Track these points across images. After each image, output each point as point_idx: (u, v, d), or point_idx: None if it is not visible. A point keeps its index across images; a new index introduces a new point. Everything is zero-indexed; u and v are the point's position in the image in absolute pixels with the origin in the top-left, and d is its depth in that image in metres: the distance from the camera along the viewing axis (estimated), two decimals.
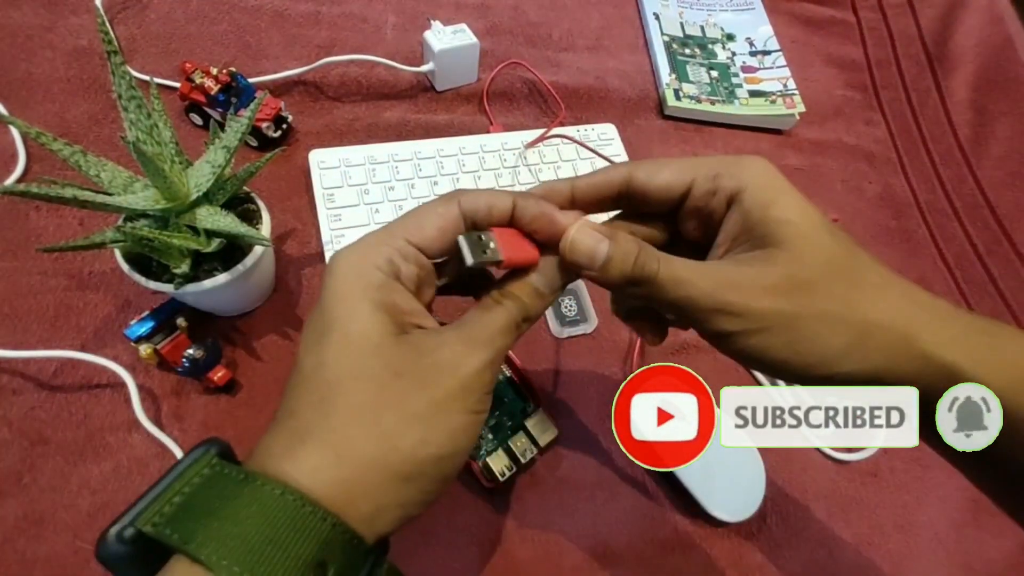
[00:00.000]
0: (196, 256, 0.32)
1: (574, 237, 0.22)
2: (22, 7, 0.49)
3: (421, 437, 0.19)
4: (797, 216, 0.21)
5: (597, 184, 0.24)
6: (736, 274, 0.21)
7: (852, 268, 0.21)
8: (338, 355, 0.19)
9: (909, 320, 0.20)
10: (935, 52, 0.67)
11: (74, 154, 0.29)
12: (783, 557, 0.38)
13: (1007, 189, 0.59)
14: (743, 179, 0.22)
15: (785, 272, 0.20)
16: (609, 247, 0.21)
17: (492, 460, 0.36)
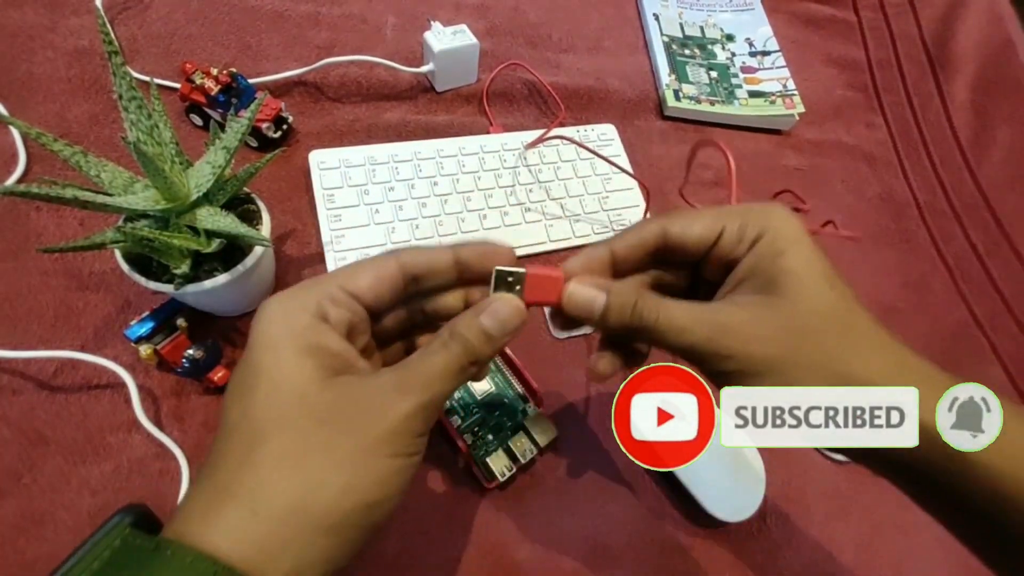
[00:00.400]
0: (196, 256, 0.32)
1: (571, 290, 0.23)
2: (23, 7, 0.49)
3: (346, 484, 0.19)
4: (803, 268, 0.22)
5: (633, 244, 0.25)
6: (734, 319, 0.22)
7: (847, 324, 0.22)
8: (263, 404, 0.19)
9: (892, 382, 0.21)
10: (936, 53, 0.68)
11: (74, 154, 0.30)
12: (783, 557, 0.38)
13: (1007, 191, 0.59)
14: (765, 227, 0.23)
15: (781, 320, 0.21)
16: (606, 298, 0.23)
17: (492, 460, 0.36)
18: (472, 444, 0.36)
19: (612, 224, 0.49)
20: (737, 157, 0.58)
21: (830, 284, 0.22)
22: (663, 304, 0.22)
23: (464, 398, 0.38)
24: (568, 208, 0.49)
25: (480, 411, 0.38)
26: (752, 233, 0.23)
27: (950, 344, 0.50)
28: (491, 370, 0.39)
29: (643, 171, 0.54)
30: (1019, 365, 0.49)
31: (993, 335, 0.51)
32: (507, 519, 0.36)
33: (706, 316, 0.22)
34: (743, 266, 0.23)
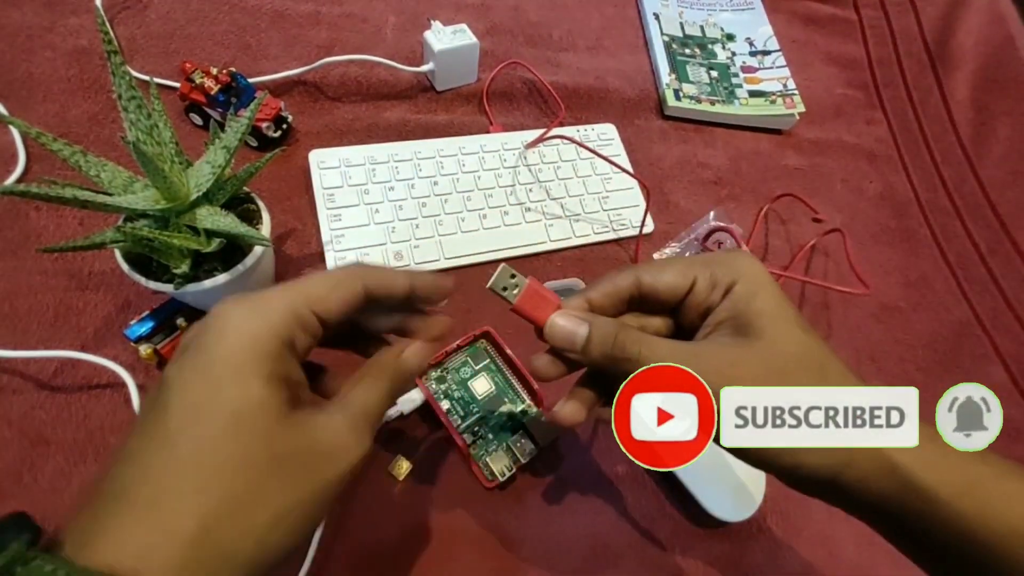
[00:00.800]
0: (196, 256, 0.32)
1: (552, 321, 0.24)
2: (22, 7, 0.49)
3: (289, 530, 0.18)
4: (775, 311, 0.23)
5: (608, 292, 0.25)
6: (716, 359, 0.23)
7: (820, 364, 0.23)
8: (225, 438, 0.17)
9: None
10: (936, 51, 0.67)
11: (74, 154, 0.29)
12: (783, 557, 0.38)
13: (1008, 188, 0.59)
14: (736, 273, 0.24)
15: (761, 361, 0.22)
16: (587, 330, 0.23)
17: (492, 460, 0.36)
18: (472, 443, 0.36)
19: (612, 224, 0.49)
20: (737, 157, 0.58)
21: (802, 328, 0.23)
22: (645, 338, 0.23)
23: (464, 398, 0.38)
24: (568, 208, 0.49)
25: (480, 410, 0.37)
26: (726, 279, 0.24)
27: (952, 343, 0.50)
28: (492, 370, 0.39)
29: (643, 171, 0.54)
30: (1020, 364, 0.49)
31: (995, 334, 0.51)
32: (507, 519, 0.36)
33: (688, 354, 0.23)
34: (720, 311, 0.24)
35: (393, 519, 0.35)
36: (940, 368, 0.48)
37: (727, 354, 0.23)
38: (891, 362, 0.48)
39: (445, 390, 0.38)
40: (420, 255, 0.44)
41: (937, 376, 0.48)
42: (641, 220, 0.49)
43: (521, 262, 0.47)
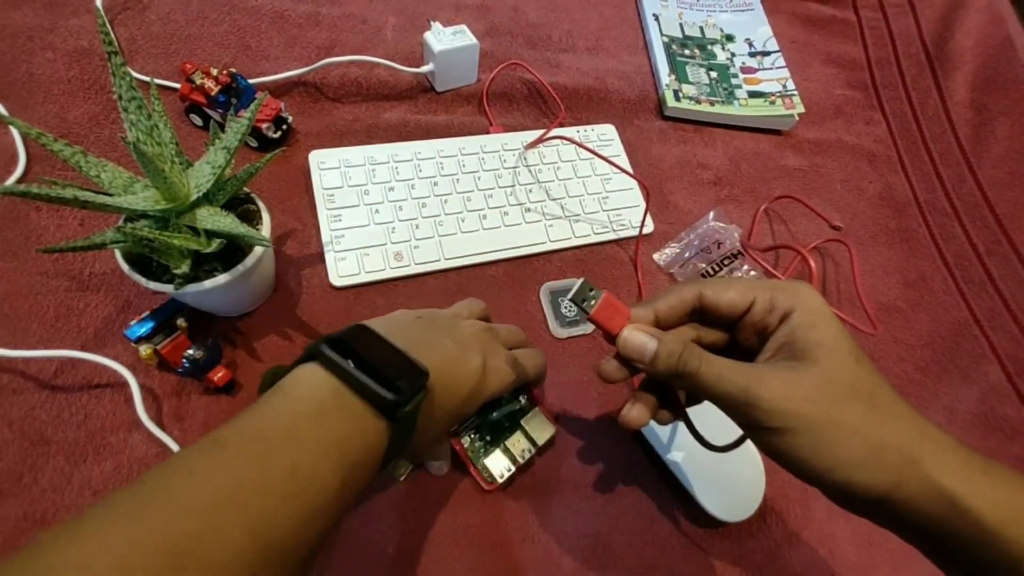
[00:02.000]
0: (196, 256, 0.32)
1: (625, 336, 0.27)
2: (22, 8, 0.49)
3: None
4: (832, 341, 0.24)
5: (673, 304, 0.28)
6: (771, 376, 0.24)
7: (872, 393, 0.24)
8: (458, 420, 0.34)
9: (917, 446, 0.23)
10: (935, 52, 0.68)
11: (74, 155, 0.30)
12: (783, 557, 0.38)
13: (1007, 188, 0.59)
14: (795, 302, 0.25)
15: (815, 384, 0.23)
16: (656, 345, 0.26)
17: (490, 462, 0.36)
18: (470, 446, 0.36)
19: (612, 224, 0.50)
20: (737, 157, 0.58)
21: (856, 358, 0.24)
22: (706, 355, 0.25)
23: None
24: (568, 208, 0.49)
25: (476, 413, 0.37)
26: (784, 305, 0.25)
27: (950, 343, 0.50)
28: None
29: (643, 171, 0.54)
30: (1018, 364, 0.49)
31: (992, 334, 0.51)
32: (507, 519, 0.36)
33: (745, 369, 0.25)
34: (778, 335, 0.26)
35: (393, 519, 0.35)
36: (938, 368, 0.49)
37: (783, 374, 0.24)
38: (890, 362, 0.48)
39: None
40: (420, 255, 0.44)
41: (935, 376, 0.48)
42: (641, 220, 0.49)
43: (521, 262, 0.47)
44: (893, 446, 0.23)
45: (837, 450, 0.23)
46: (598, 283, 0.46)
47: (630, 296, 0.47)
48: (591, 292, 0.28)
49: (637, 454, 0.40)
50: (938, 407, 0.46)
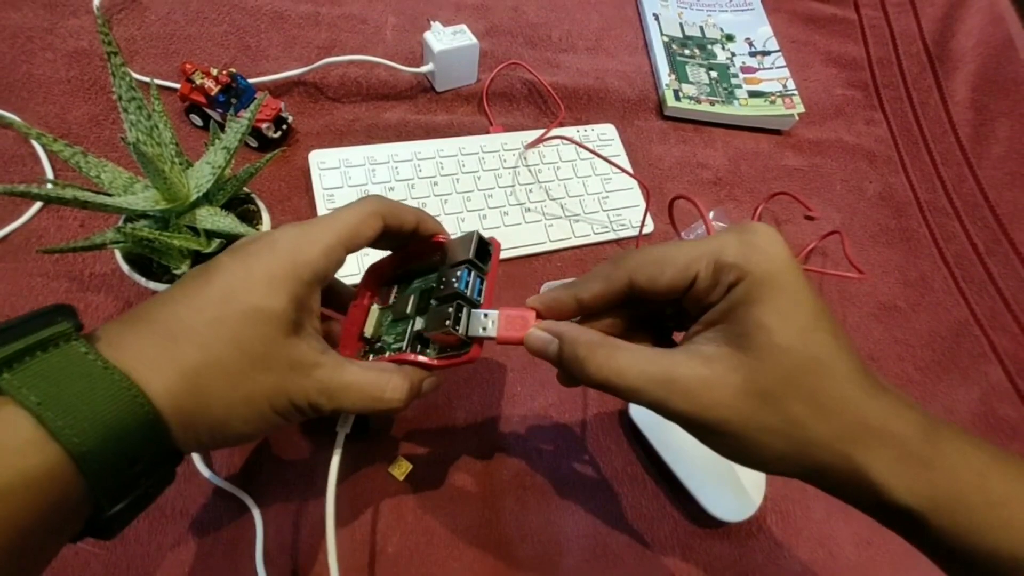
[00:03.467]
0: (196, 257, 0.32)
1: (528, 334, 0.25)
2: (22, 8, 0.49)
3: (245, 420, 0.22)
4: (777, 322, 0.20)
5: (597, 294, 0.24)
6: (690, 377, 0.21)
7: (812, 385, 0.20)
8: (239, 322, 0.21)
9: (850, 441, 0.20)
10: (936, 51, 0.68)
11: (74, 155, 0.30)
12: (783, 557, 0.38)
13: (1007, 189, 0.59)
14: (743, 270, 0.21)
15: (742, 382, 0.20)
16: (557, 347, 0.24)
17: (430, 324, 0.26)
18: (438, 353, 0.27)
19: (612, 224, 0.50)
20: (737, 157, 0.58)
21: (805, 342, 0.20)
22: (613, 358, 0.22)
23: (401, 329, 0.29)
24: (568, 208, 0.49)
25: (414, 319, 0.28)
26: (729, 277, 0.21)
27: (950, 343, 0.50)
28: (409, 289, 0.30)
29: (643, 171, 0.54)
30: (1018, 364, 0.49)
31: (993, 334, 0.51)
32: (507, 519, 0.36)
33: (659, 372, 0.21)
34: (716, 311, 0.22)
35: (393, 519, 0.35)
36: (938, 368, 0.49)
37: (705, 371, 0.21)
38: (890, 361, 0.48)
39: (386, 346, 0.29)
40: None
41: (935, 376, 0.48)
42: (641, 220, 0.49)
43: (521, 262, 0.47)
44: (822, 443, 0.20)
45: (752, 451, 0.21)
46: None
47: None
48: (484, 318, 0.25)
49: (637, 454, 0.40)
50: (938, 407, 0.46)
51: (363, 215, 0.25)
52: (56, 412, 0.17)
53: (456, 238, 0.28)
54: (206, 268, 0.23)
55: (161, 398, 0.19)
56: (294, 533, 0.33)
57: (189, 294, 0.22)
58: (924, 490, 0.20)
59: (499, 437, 0.39)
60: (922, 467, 0.20)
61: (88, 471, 0.17)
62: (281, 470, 0.35)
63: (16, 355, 0.17)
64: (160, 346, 0.20)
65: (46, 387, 0.17)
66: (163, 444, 0.20)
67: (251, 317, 0.21)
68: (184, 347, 0.20)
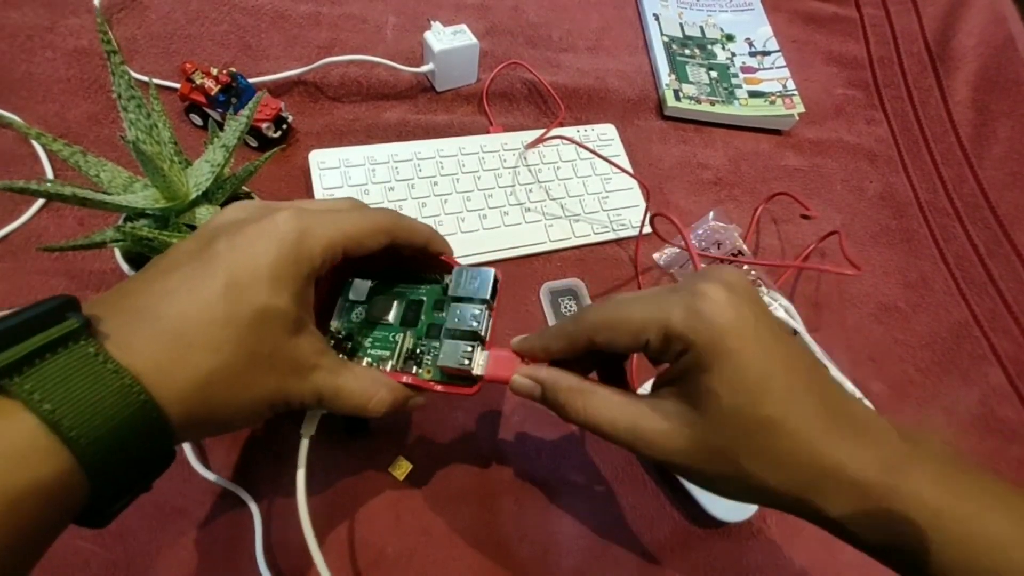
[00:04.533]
0: None
1: (513, 380, 0.27)
2: (22, 7, 0.49)
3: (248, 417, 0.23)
4: (725, 389, 0.21)
5: (564, 349, 0.26)
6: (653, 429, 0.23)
7: (763, 442, 0.21)
8: (247, 326, 0.21)
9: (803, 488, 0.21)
10: (937, 51, 0.67)
11: (74, 154, 0.30)
12: (783, 557, 0.38)
13: (1008, 189, 0.59)
14: (691, 340, 0.21)
15: (696, 439, 0.22)
16: (540, 391, 0.26)
17: (445, 358, 0.27)
18: (422, 370, 0.28)
19: (612, 224, 0.49)
20: (737, 157, 0.58)
21: (753, 402, 0.21)
22: (590, 404, 0.24)
23: (379, 333, 0.29)
24: (568, 208, 0.49)
25: (406, 332, 0.29)
26: (676, 347, 0.22)
27: (950, 343, 0.50)
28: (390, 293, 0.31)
29: (643, 171, 0.54)
30: (1019, 365, 0.49)
31: (993, 335, 0.51)
32: (507, 519, 0.36)
33: (626, 422, 0.23)
34: (671, 372, 0.23)
35: (393, 519, 0.35)
36: (939, 369, 0.48)
37: (665, 425, 0.23)
38: (890, 362, 0.48)
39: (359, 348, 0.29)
40: None
41: (936, 377, 0.48)
42: (641, 220, 0.49)
43: (521, 262, 0.47)
44: (780, 491, 0.21)
45: (724, 492, 0.23)
46: (597, 283, 0.46)
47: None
48: (469, 351, 0.26)
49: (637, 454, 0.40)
50: (938, 408, 0.46)
51: (372, 228, 0.25)
52: (70, 420, 0.17)
53: (468, 268, 0.29)
54: (204, 252, 0.22)
55: (172, 406, 0.19)
56: (294, 529, 0.33)
57: (192, 286, 0.21)
58: (883, 530, 0.21)
59: (499, 437, 0.39)
60: (879, 509, 0.21)
61: (95, 475, 0.17)
62: (279, 467, 0.35)
63: (27, 358, 0.17)
64: (172, 351, 0.20)
65: (58, 392, 0.17)
66: (168, 444, 0.20)
67: (259, 317, 0.21)
68: (196, 353, 0.20)
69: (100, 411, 0.17)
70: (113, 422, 0.17)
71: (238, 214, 0.23)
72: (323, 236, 0.23)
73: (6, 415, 0.16)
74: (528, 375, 0.26)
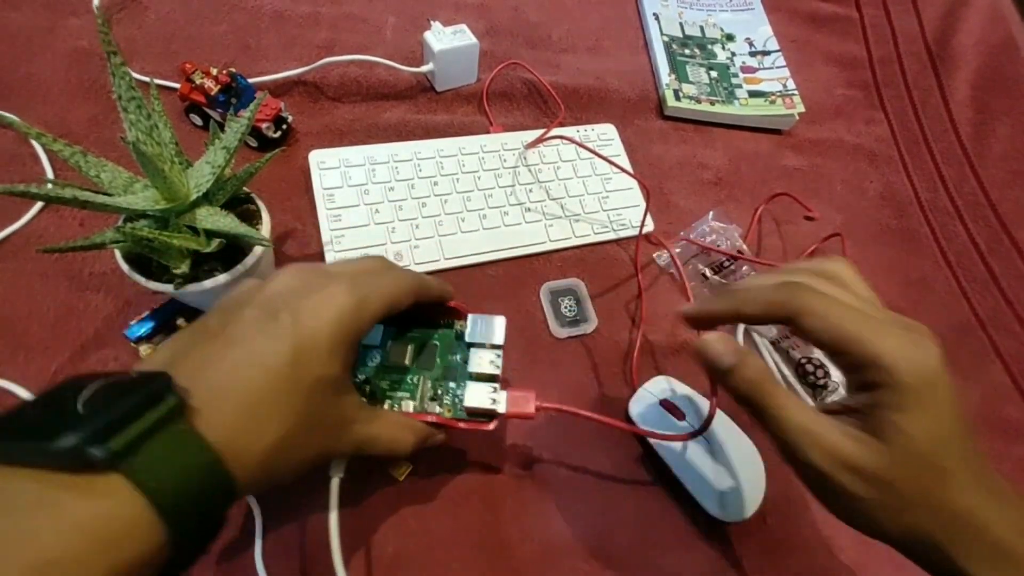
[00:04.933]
0: (196, 256, 0.32)
1: (707, 339, 0.26)
2: (22, 8, 0.49)
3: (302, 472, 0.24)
4: (919, 432, 0.23)
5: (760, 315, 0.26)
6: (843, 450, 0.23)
7: (932, 487, 0.23)
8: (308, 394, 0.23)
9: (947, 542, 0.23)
10: (937, 50, 0.67)
11: (74, 155, 0.30)
12: (783, 557, 0.38)
13: (1008, 188, 0.59)
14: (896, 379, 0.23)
15: (875, 468, 0.23)
16: (734, 361, 0.25)
17: (471, 399, 0.30)
18: (444, 409, 0.31)
19: (612, 224, 0.49)
20: (737, 157, 0.58)
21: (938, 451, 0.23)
22: (787, 407, 0.24)
23: (394, 376, 0.32)
24: (568, 208, 0.49)
25: (420, 375, 0.32)
26: (877, 376, 0.23)
27: (952, 343, 0.50)
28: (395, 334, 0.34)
29: (643, 171, 0.54)
30: (1021, 364, 0.49)
31: (995, 334, 0.51)
32: (507, 519, 0.36)
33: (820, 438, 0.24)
34: (863, 402, 0.24)
35: (393, 519, 0.35)
36: None
37: (847, 447, 0.23)
38: None
39: (377, 391, 0.32)
40: (420, 255, 0.44)
41: None
42: (641, 220, 0.49)
43: (521, 262, 0.47)
44: (926, 531, 0.23)
45: (867, 521, 0.24)
46: (598, 283, 0.46)
47: (631, 296, 0.47)
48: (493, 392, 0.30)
49: (637, 454, 0.40)
50: None
51: (406, 292, 0.28)
52: (169, 499, 0.18)
53: (481, 316, 0.32)
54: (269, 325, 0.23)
55: (241, 479, 0.21)
56: (294, 532, 0.33)
57: (262, 360, 0.22)
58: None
59: (499, 437, 0.39)
60: (1010, 566, 0.23)
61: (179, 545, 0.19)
62: None
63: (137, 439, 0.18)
64: (246, 423, 0.21)
65: (161, 470, 0.18)
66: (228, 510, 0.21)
67: (317, 386, 0.23)
68: (264, 424, 0.22)
69: (189, 487, 0.19)
70: (198, 496, 0.19)
71: (295, 283, 0.25)
72: (373, 305, 0.26)
73: (115, 493, 0.17)
74: (727, 344, 0.26)
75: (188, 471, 0.19)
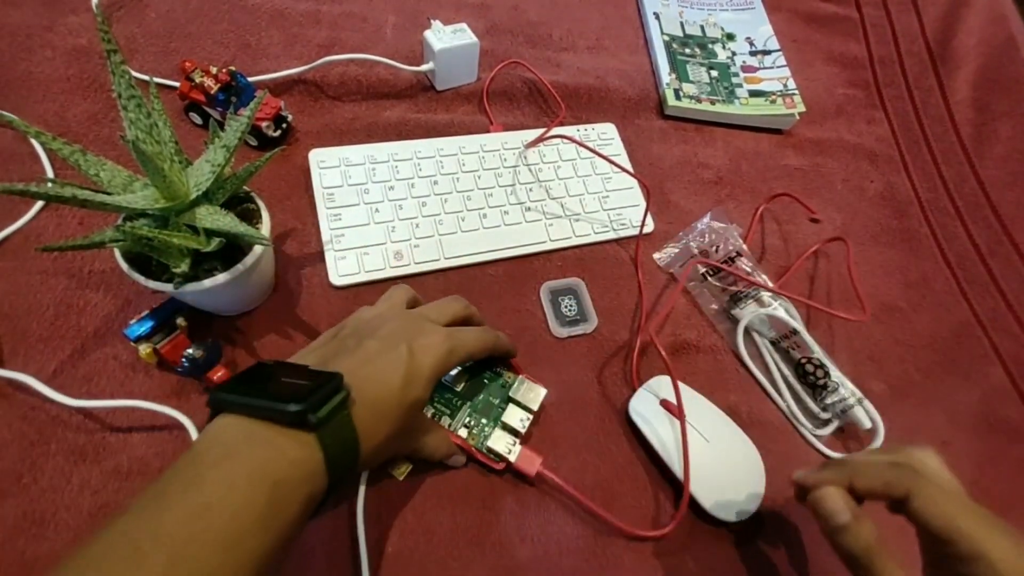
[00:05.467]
0: (196, 255, 0.32)
1: (826, 492, 0.29)
2: (21, 6, 0.49)
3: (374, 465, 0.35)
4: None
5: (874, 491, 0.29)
6: None
7: None
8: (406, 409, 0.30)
9: None
10: (937, 50, 0.67)
11: (73, 153, 0.29)
12: (783, 557, 0.38)
13: (1009, 188, 0.59)
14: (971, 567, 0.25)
15: None
16: (848, 522, 0.28)
17: (494, 442, 0.36)
18: (469, 435, 0.37)
19: (612, 223, 0.49)
20: (737, 157, 0.58)
21: None
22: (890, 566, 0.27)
23: (445, 396, 0.38)
24: (568, 207, 0.49)
25: (464, 402, 0.38)
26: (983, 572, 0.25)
27: (951, 343, 0.50)
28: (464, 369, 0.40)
29: (643, 170, 0.54)
30: (1020, 365, 0.49)
31: (994, 334, 0.51)
32: (507, 519, 0.36)
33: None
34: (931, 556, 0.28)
35: (393, 519, 0.35)
36: (940, 369, 0.48)
37: None
38: (891, 362, 0.48)
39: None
40: (420, 255, 0.44)
41: (937, 377, 0.48)
42: (641, 220, 0.49)
43: (521, 262, 0.47)
44: None
45: None
46: (598, 283, 0.46)
47: (631, 295, 0.47)
48: (512, 443, 0.36)
49: (637, 453, 0.40)
50: (939, 408, 0.46)
51: (483, 349, 0.35)
52: (336, 460, 0.26)
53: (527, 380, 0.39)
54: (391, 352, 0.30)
55: (361, 455, 0.28)
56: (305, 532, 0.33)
57: (385, 379, 0.29)
58: None
59: None
60: None
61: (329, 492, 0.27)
62: None
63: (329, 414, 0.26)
64: (372, 419, 0.28)
65: (335, 438, 0.26)
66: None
67: (413, 405, 0.30)
68: (381, 425, 0.29)
69: (344, 456, 0.27)
70: (343, 462, 0.27)
71: (408, 324, 0.32)
72: (460, 352, 0.33)
73: (310, 446, 0.25)
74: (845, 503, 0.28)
75: (345, 444, 0.27)
